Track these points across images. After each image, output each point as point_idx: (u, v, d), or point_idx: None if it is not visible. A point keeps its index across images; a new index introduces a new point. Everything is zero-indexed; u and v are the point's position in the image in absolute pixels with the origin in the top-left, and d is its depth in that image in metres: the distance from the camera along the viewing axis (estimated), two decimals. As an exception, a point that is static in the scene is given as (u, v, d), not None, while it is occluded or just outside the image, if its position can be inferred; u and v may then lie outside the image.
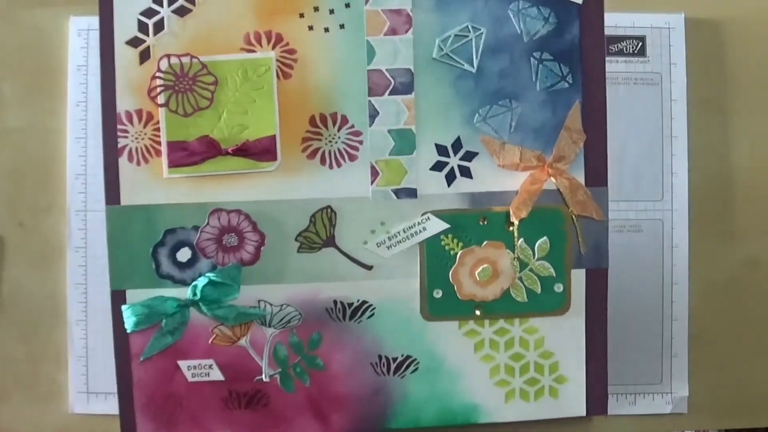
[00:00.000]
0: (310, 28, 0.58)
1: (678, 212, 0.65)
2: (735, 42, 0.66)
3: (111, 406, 0.63)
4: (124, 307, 0.57)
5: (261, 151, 0.58)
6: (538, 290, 0.60)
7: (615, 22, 0.65)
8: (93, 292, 0.63)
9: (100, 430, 0.64)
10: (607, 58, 0.61)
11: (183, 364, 0.59)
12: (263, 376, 0.59)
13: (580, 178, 0.60)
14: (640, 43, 0.65)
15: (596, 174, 0.60)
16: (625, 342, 0.64)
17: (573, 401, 0.62)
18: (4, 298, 0.65)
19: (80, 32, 0.64)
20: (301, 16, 0.58)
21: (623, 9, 0.65)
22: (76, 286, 0.64)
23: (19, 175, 0.65)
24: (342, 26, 0.58)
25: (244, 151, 0.57)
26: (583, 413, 0.62)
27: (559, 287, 0.61)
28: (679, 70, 0.65)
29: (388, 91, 0.59)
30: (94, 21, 0.62)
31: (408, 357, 0.61)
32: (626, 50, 0.65)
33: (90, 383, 0.64)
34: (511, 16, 0.59)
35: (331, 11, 0.58)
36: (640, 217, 0.64)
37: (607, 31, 0.62)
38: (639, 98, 0.65)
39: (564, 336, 0.61)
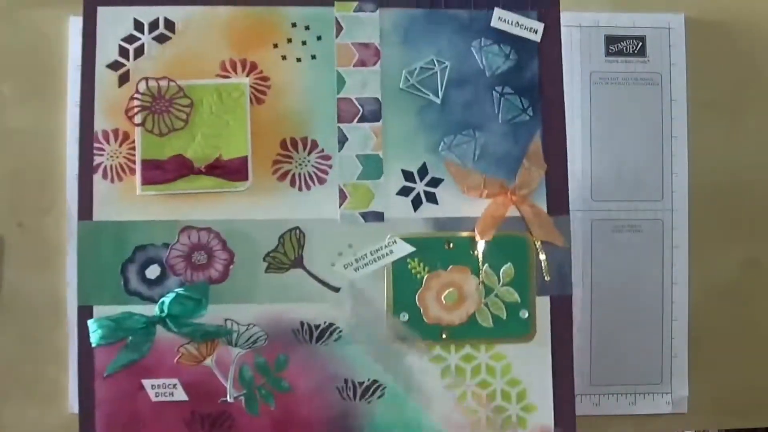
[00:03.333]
0: (284, 57, 0.61)
1: (678, 212, 0.65)
2: (735, 42, 0.68)
3: None
4: (90, 321, 0.57)
5: (233, 170, 0.59)
6: (504, 316, 0.61)
7: (615, 22, 0.66)
8: None
9: None
10: (607, 58, 0.64)
11: (147, 382, 0.58)
12: (228, 397, 0.59)
13: (543, 206, 0.62)
14: (640, 43, 0.66)
15: (558, 202, 0.62)
16: (625, 342, 0.64)
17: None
18: (4, 298, 0.66)
19: (80, 32, 0.62)
20: (275, 46, 0.61)
21: (623, 9, 0.67)
22: (76, 287, 0.62)
23: (19, 176, 0.66)
24: (314, 57, 0.61)
25: (216, 168, 0.59)
26: (551, 445, 0.62)
27: (524, 313, 0.61)
28: (679, 70, 0.66)
29: (356, 119, 0.61)
30: None
31: (374, 382, 0.60)
32: (626, 50, 0.66)
33: None
34: (474, 52, 0.63)
35: (304, 42, 0.61)
36: (640, 217, 0.65)
37: (607, 31, 0.64)
38: (639, 98, 0.66)
39: (531, 363, 0.62)
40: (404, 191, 0.61)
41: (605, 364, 0.64)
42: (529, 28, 0.63)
